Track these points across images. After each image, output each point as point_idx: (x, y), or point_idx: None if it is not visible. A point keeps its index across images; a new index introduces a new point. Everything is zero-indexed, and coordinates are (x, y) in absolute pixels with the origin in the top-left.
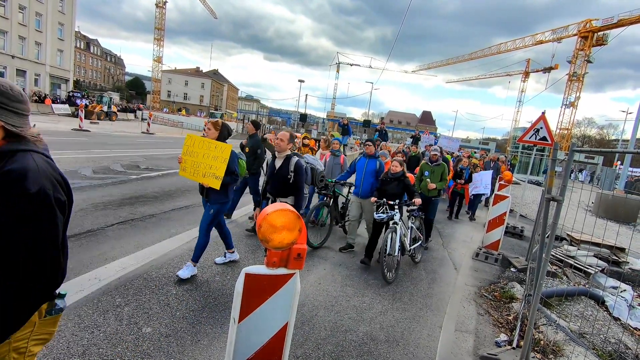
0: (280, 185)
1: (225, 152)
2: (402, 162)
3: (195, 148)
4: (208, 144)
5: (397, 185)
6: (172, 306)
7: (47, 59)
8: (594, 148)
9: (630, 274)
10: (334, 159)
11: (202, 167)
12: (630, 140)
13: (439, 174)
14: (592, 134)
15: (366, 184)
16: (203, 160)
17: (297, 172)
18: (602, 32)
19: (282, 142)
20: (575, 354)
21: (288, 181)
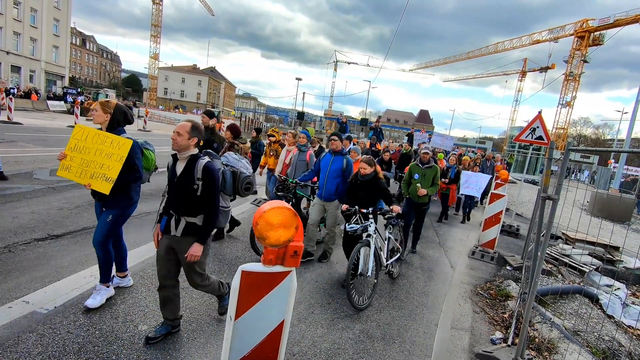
0: (183, 198)
1: (123, 148)
2: (372, 162)
3: (87, 143)
4: (104, 138)
5: (370, 189)
6: None
7: (43, 55)
8: (590, 147)
9: (624, 272)
10: (299, 154)
11: (92, 167)
12: (626, 139)
13: (431, 178)
14: (587, 133)
15: (330, 184)
16: (95, 157)
17: (207, 180)
18: (599, 32)
19: (180, 136)
20: (570, 352)
21: (194, 193)
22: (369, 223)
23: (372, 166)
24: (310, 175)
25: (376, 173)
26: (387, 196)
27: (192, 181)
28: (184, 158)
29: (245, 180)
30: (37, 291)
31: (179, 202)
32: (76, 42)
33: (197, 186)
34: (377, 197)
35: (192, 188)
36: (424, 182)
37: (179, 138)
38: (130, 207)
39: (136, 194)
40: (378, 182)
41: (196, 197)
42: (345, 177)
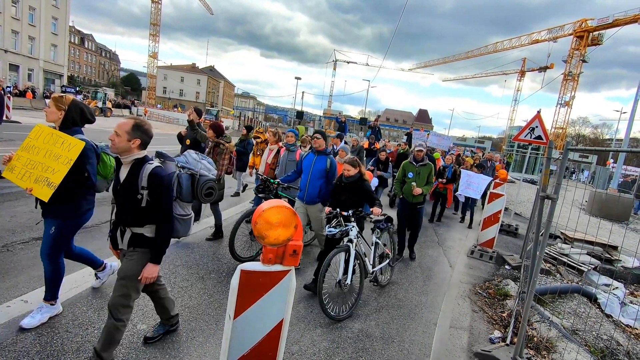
0: (127, 208)
1: (73, 151)
2: (355, 163)
3: (39, 142)
4: (56, 138)
5: (354, 191)
6: None
7: (41, 53)
8: (589, 147)
9: (623, 271)
10: (288, 154)
11: (37, 169)
12: (624, 139)
13: (425, 176)
14: (586, 133)
15: (312, 186)
16: (43, 159)
17: (154, 189)
18: (598, 32)
19: (118, 137)
20: (568, 351)
21: (138, 203)
22: (350, 227)
23: (356, 167)
24: (292, 176)
25: (361, 175)
26: (371, 199)
27: (135, 190)
28: (127, 162)
29: (206, 185)
30: (35, 290)
31: (123, 212)
32: (75, 41)
33: (142, 196)
34: (361, 200)
35: (136, 198)
36: (418, 181)
37: (116, 139)
38: (79, 218)
39: (88, 203)
40: (363, 184)
41: (141, 207)
42: (330, 179)
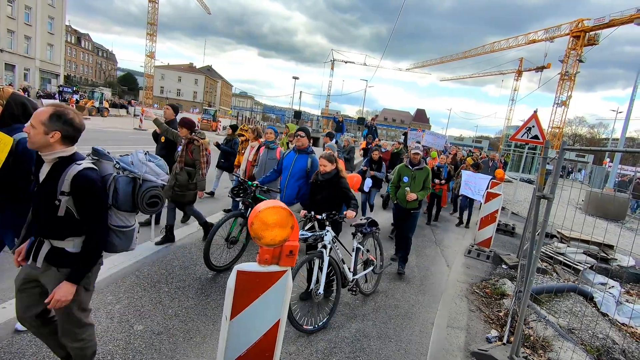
0: (42, 214)
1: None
2: (332, 158)
3: None
4: None
5: (331, 190)
6: (164, 304)
7: (37, 53)
8: (585, 146)
9: (618, 270)
10: (267, 152)
11: None
12: (620, 139)
13: (421, 181)
14: (583, 132)
15: (291, 186)
16: None
17: (79, 195)
18: (594, 32)
19: (33, 129)
20: (564, 349)
21: (55, 211)
22: (325, 232)
23: (333, 163)
24: (272, 176)
25: (338, 172)
26: (347, 198)
27: (52, 194)
28: (49, 161)
29: (149, 193)
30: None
31: (39, 220)
32: (71, 40)
33: (59, 202)
34: (338, 200)
35: (53, 204)
36: (413, 186)
37: (32, 132)
38: None
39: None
40: (339, 182)
41: (57, 217)
42: (310, 179)
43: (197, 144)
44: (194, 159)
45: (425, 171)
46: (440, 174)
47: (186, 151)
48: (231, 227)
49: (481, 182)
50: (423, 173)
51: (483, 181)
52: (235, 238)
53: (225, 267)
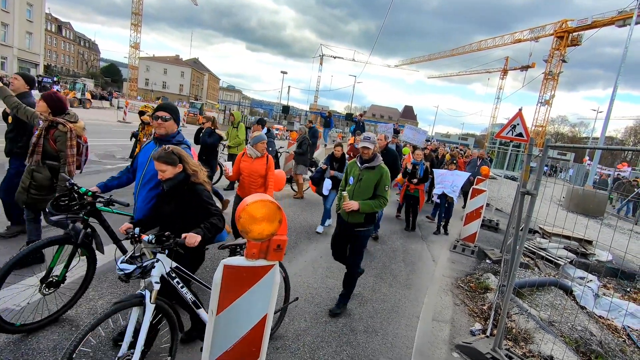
0: None
1: None
2: (172, 159)
3: None
4: None
5: (180, 202)
6: None
7: (15, 41)
8: (568, 144)
9: (597, 265)
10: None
11: None
12: (600, 137)
13: (371, 185)
14: (564, 131)
15: (144, 197)
16: None
17: None
18: (577, 33)
19: None
20: (545, 341)
21: None
22: (155, 260)
23: (175, 165)
24: (121, 178)
25: (187, 176)
26: (207, 214)
27: None
28: None
29: None
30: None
31: None
32: (51, 29)
33: None
34: (193, 215)
35: None
36: (358, 190)
37: None
38: None
39: None
40: (194, 191)
41: None
42: None
43: (62, 129)
44: (58, 150)
45: (378, 172)
46: (415, 172)
47: (46, 138)
48: (52, 261)
49: (458, 179)
50: (374, 174)
51: (460, 178)
52: (58, 278)
53: (40, 324)
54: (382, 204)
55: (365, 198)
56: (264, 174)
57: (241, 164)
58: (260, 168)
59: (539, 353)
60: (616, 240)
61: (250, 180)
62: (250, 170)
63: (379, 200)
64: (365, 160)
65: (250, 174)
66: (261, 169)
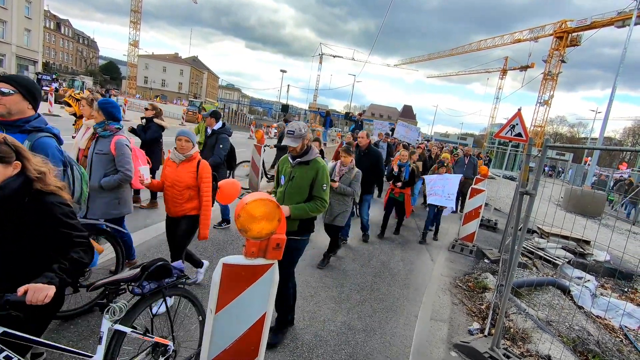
0: None
1: None
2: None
3: None
4: None
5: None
6: None
7: (13, 38)
8: (567, 144)
9: (595, 265)
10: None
11: None
12: (599, 138)
13: (304, 185)
14: (563, 131)
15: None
16: None
17: None
18: (576, 33)
19: None
20: (542, 341)
21: None
22: None
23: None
24: None
25: (26, 180)
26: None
27: None
28: None
29: None
30: None
31: None
32: (50, 26)
33: None
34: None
35: None
36: (289, 192)
37: None
38: None
39: None
40: (41, 204)
41: None
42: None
43: None
44: None
45: (313, 168)
46: (400, 174)
47: None
48: None
49: (450, 184)
50: (308, 171)
51: (452, 182)
52: None
53: None
54: (320, 207)
55: (299, 200)
56: (192, 184)
57: (165, 170)
58: (187, 177)
59: (536, 352)
60: (614, 240)
61: (174, 193)
62: (173, 180)
63: (315, 203)
64: (297, 154)
65: (173, 184)
66: (188, 179)
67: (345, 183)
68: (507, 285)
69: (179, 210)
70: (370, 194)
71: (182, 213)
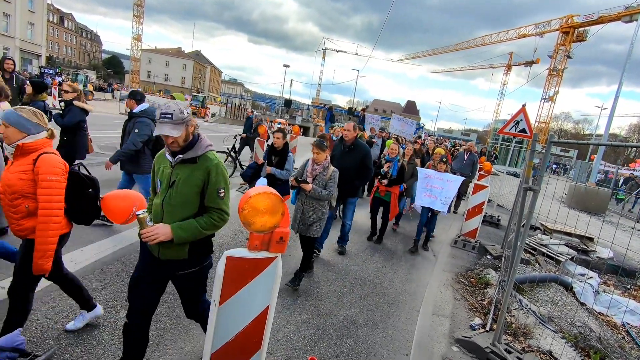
0: None
1: None
2: None
3: None
4: None
5: None
6: None
7: (17, 32)
8: (571, 140)
9: (597, 262)
10: None
11: None
12: (604, 134)
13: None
14: (568, 128)
15: None
16: None
17: None
18: (583, 29)
19: None
20: (544, 337)
21: None
22: None
23: None
24: None
25: None
26: None
27: None
28: None
29: None
30: None
31: None
32: (53, 20)
33: None
34: None
35: None
36: (169, 203)
37: None
38: None
39: None
40: None
41: None
42: None
43: None
44: None
45: (202, 169)
46: (387, 171)
47: None
48: None
49: (450, 187)
50: (194, 173)
51: (452, 185)
52: None
53: None
54: (218, 222)
55: (186, 215)
56: (28, 191)
57: None
58: (18, 179)
59: (538, 348)
60: (618, 237)
61: (5, 204)
62: (4, 184)
63: (210, 217)
64: (178, 149)
65: (4, 189)
66: (19, 182)
67: (320, 185)
68: (510, 280)
69: (18, 231)
70: (356, 197)
71: (22, 234)
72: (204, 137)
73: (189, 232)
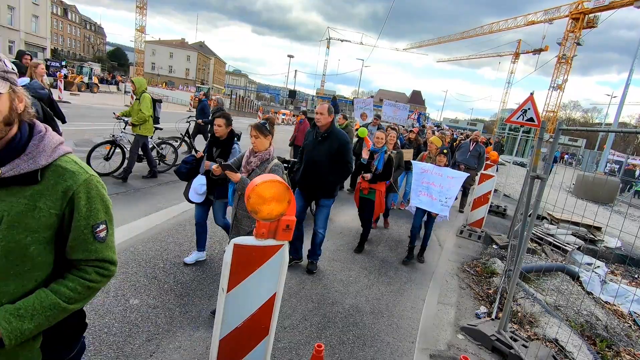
0: None
1: None
2: None
3: None
4: None
5: None
6: (160, 279)
7: (21, 24)
8: (580, 127)
9: (605, 251)
10: None
11: None
12: (614, 122)
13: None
14: (576, 117)
15: None
16: None
17: None
18: (593, 15)
19: None
20: (550, 325)
21: None
22: None
23: None
24: None
25: None
26: None
27: None
28: None
29: None
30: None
31: None
32: (57, 12)
33: None
34: None
35: None
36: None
37: None
38: None
39: None
40: None
41: None
42: None
43: None
44: None
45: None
46: (370, 163)
47: None
48: None
49: (451, 184)
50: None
51: (454, 182)
52: None
53: None
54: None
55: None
56: None
57: None
58: None
59: (543, 336)
60: (626, 227)
61: None
62: None
63: (81, 279)
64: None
65: None
66: None
67: None
68: (516, 270)
69: None
70: (331, 199)
71: None
72: (48, 131)
73: (37, 318)
